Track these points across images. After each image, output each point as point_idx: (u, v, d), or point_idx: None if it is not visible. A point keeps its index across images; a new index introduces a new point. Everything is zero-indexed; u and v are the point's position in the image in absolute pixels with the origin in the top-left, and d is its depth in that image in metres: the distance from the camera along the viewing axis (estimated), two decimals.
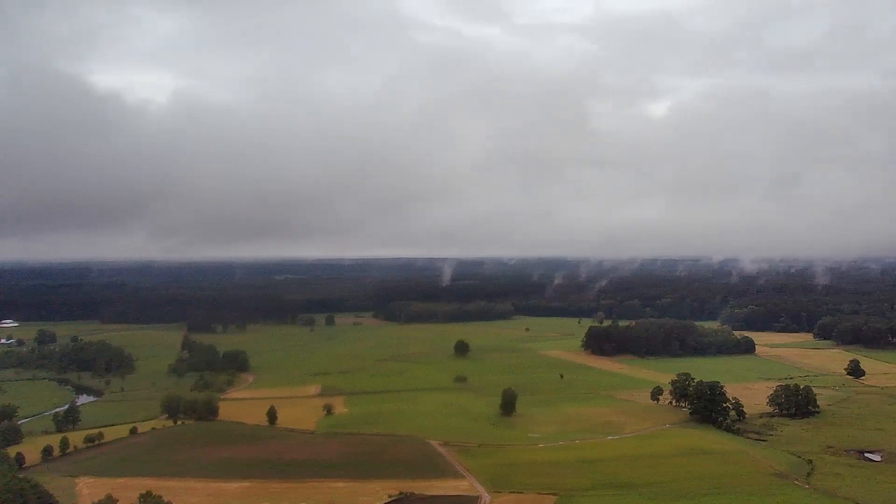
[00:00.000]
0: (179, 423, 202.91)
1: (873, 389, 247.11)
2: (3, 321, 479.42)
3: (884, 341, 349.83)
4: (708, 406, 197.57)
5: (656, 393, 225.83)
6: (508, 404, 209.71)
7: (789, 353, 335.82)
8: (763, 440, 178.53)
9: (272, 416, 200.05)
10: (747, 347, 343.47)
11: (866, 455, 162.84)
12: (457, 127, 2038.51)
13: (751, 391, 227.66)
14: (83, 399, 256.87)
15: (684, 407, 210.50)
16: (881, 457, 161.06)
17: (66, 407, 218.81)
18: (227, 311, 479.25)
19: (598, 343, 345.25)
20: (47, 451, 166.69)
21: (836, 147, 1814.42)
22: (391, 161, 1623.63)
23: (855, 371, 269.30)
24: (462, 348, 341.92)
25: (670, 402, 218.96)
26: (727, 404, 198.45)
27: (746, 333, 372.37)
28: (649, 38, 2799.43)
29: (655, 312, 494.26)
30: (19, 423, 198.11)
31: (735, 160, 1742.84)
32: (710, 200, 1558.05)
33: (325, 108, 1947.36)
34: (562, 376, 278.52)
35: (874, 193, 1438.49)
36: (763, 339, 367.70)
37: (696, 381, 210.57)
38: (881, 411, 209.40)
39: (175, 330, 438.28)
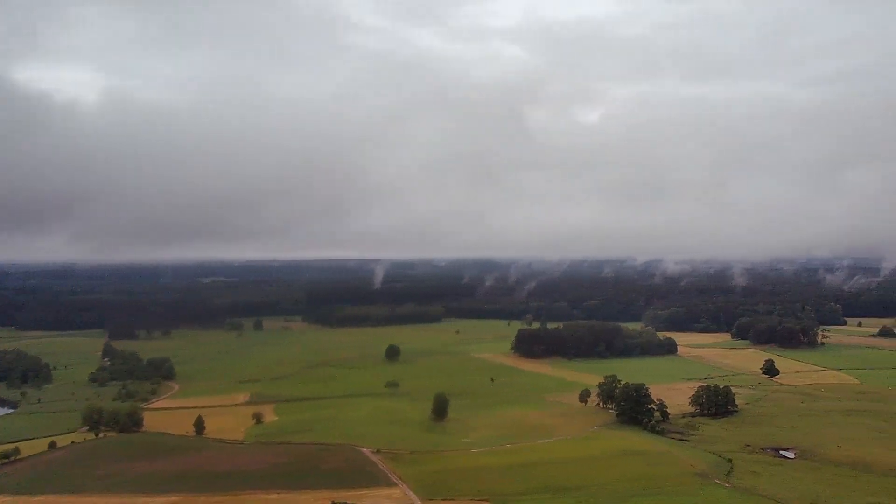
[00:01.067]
0: (101, 435, 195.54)
1: (787, 388, 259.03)
2: None
3: (796, 341, 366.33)
4: (634, 408, 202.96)
5: (584, 395, 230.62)
6: (440, 409, 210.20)
7: (709, 354, 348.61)
8: (686, 440, 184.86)
9: (199, 425, 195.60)
10: (670, 348, 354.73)
11: (781, 452, 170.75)
12: (393, 132, 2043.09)
13: (674, 391, 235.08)
14: None
15: (611, 409, 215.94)
16: (795, 454, 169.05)
17: None
18: (150, 317, 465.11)
19: (528, 345, 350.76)
20: None
21: (758, 153, 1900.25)
22: (326, 164, 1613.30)
23: (770, 370, 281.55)
24: (393, 352, 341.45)
25: (598, 404, 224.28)
26: (652, 405, 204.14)
27: (669, 334, 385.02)
28: (580, 45, 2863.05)
29: (583, 314, 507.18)
30: None
31: (662, 165, 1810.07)
32: (638, 203, 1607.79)
33: (259, 109, 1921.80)
34: (492, 379, 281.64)
35: (791, 197, 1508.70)
36: (684, 340, 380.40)
37: (622, 382, 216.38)
38: (794, 409, 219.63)
39: (96, 337, 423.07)
